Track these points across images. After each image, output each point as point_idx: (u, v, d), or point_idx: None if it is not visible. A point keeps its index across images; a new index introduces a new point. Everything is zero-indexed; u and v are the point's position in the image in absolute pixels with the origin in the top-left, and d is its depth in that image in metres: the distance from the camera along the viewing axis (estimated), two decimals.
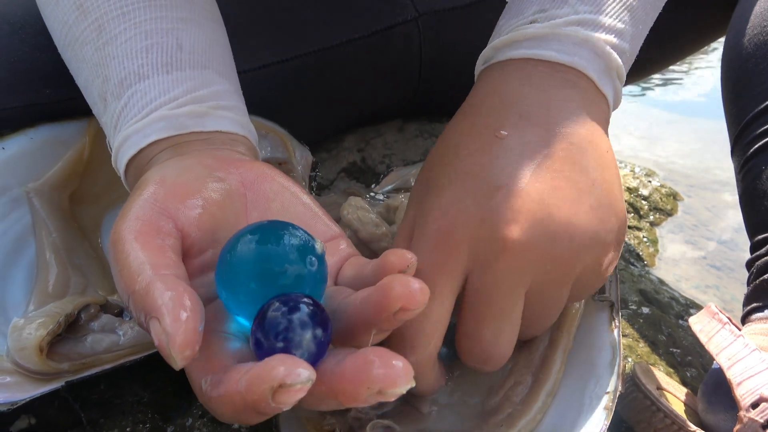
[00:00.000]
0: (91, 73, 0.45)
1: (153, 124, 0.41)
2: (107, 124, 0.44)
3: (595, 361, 0.40)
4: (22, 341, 0.43)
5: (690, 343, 0.64)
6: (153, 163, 0.40)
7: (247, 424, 0.29)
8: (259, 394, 0.25)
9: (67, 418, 0.46)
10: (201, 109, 0.42)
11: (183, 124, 0.41)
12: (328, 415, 0.41)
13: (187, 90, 0.42)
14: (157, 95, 0.42)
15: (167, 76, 0.43)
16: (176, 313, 0.26)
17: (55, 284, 0.51)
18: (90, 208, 0.59)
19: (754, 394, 0.42)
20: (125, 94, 0.42)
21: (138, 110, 0.42)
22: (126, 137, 0.42)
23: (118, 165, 0.43)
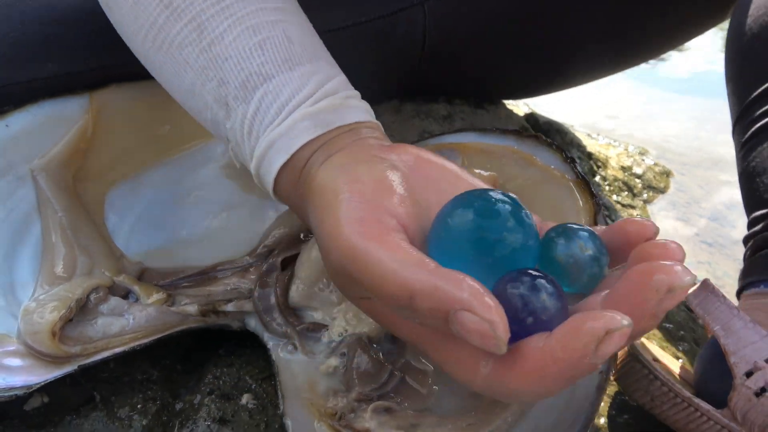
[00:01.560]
0: (199, 77, 0.43)
1: (297, 125, 0.40)
2: (234, 130, 0.42)
3: None
4: (35, 325, 0.44)
5: (683, 318, 0.66)
6: (313, 164, 0.39)
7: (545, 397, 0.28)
8: (580, 350, 0.25)
9: (79, 396, 0.48)
10: (336, 102, 0.41)
11: (327, 121, 0.40)
12: (331, 397, 0.43)
13: (317, 85, 0.41)
14: (291, 95, 0.40)
15: (291, 72, 0.41)
16: (483, 300, 0.26)
17: (62, 265, 0.51)
18: (93, 185, 0.59)
19: (748, 363, 0.44)
20: (254, 96, 0.41)
21: (275, 113, 0.40)
22: (271, 142, 0.40)
23: (265, 171, 0.41)
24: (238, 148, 0.43)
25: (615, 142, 1.05)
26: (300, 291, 0.49)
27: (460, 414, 0.41)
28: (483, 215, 0.30)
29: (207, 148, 0.63)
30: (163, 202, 0.60)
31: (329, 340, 0.46)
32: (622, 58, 0.83)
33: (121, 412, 0.47)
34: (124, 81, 0.60)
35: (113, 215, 0.59)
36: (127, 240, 0.58)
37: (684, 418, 0.46)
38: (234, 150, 0.44)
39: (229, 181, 0.62)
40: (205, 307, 0.49)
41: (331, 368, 0.44)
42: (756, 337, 0.45)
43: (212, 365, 0.51)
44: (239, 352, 0.52)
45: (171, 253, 0.58)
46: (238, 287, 0.52)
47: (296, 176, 0.39)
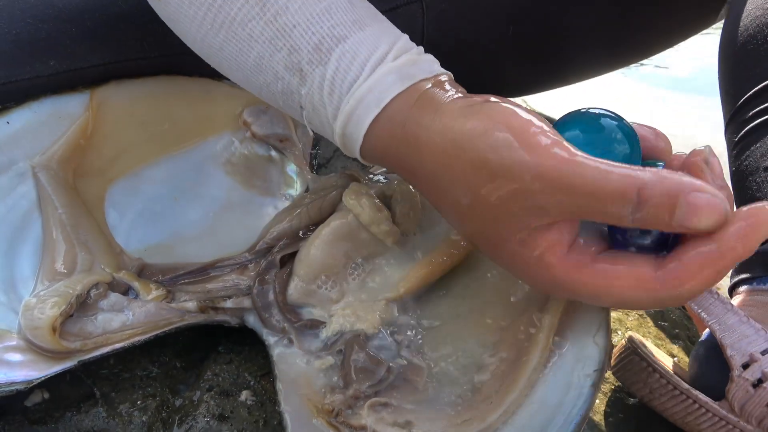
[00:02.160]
0: (266, 48, 0.43)
1: (384, 79, 0.40)
2: (311, 94, 0.42)
3: (584, 340, 0.42)
4: (35, 321, 0.44)
5: (678, 316, 0.66)
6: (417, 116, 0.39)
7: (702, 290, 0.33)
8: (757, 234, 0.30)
9: (80, 392, 0.48)
10: (413, 57, 0.41)
11: (411, 74, 0.40)
12: (329, 394, 0.43)
13: (390, 43, 0.42)
14: (369, 53, 0.41)
15: (363, 32, 0.42)
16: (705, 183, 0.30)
17: (62, 261, 0.51)
18: (93, 181, 0.60)
19: (744, 355, 0.45)
20: (330, 58, 0.41)
21: (357, 70, 0.41)
22: (360, 98, 0.40)
23: (353, 129, 0.41)
24: (315, 114, 0.43)
25: None
26: (298, 288, 0.49)
27: (454, 410, 0.41)
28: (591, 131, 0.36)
29: (207, 145, 0.63)
30: (163, 198, 0.61)
31: (326, 337, 0.46)
32: (619, 56, 0.84)
33: (121, 408, 0.48)
34: (125, 78, 0.60)
35: (113, 211, 0.59)
36: (127, 236, 0.58)
37: (682, 410, 0.47)
38: (309, 117, 0.44)
39: (229, 178, 0.62)
40: (204, 304, 0.50)
41: (328, 365, 0.45)
42: (751, 331, 0.46)
43: (211, 362, 0.52)
44: (238, 349, 0.53)
45: (171, 249, 0.58)
46: (237, 284, 0.53)
47: (395, 131, 0.40)
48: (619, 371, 0.52)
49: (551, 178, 0.33)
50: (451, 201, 0.38)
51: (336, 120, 0.42)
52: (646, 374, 0.48)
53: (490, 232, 0.37)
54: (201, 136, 0.63)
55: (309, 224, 0.54)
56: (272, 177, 0.64)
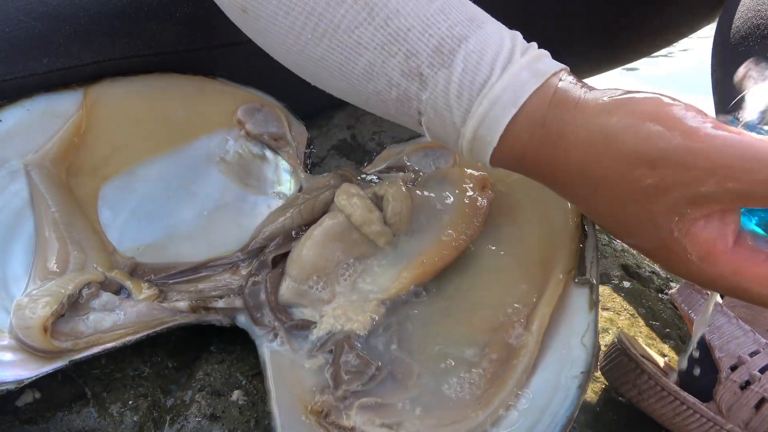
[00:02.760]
0: (378, 55, 0.41)
1: (519, 76, 0.38)
2: (434, 99, 0.40)
3: (572, 342, 0.42)
4: (26, 320, 0.44)
5: (669, 316, 0.67)
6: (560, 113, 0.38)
7: None
8: None
9: (71, 392, 0.48)
10: (537, 53, 0.40)
11: (542, 70, 0.39)
12: (318, 394, 0.43)
13: (512, 39, 0.40)
14: (497, 51, 0.39)
15: (482, 30, 0.40)
16: None
17: (55, 260, 0.52)
18: (87, 180, 0.60)
19: (733, 357, 0.45)
20: (455, 59, 0.39)
21: (488, 70, 0.39)
22: (495, 99, 0.38)
23: (485, 131, 0.39)
24: (438, 119, 0.41)
25: None
26: (290, 288, 0.49)
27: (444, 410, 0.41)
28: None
29: (201, 143, 0.63)
30: (157, 197, 0.61)
31: (317, 338, 0.47)
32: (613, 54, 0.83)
33: (112, 408, 0.48)
34: (119, 75, 0.60)
35: (107, 210, 0.59)
36: (120, 235, 0.58)
37: (670, 411, 0.47)
38: (430, 123, 0.42)
39: (223, 177, 0.63)
40: (195, 304, 0.50)
41: (319, 365, 0.45)
42: (740, 333, 0.46)
43: (203, 362, 0.52)
44: (230, 348, 0.53)
45: (164, 248, 0.58)
46: (229, 284, 0.53)
47: (535, 129, 0.38)
48: (608, 372, 0.52)
49: (715, 159, 0.32)
50: (603, 196, 0.37)
51: (466, 124, 0.40)
52: (635, 375, 0.49)
53: (645, 226, 0.36)
54: (195, 134, 0.63)
55: (301, 224, 0.54)
56: (266, 176, 0.64)
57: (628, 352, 0.50)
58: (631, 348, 0.50)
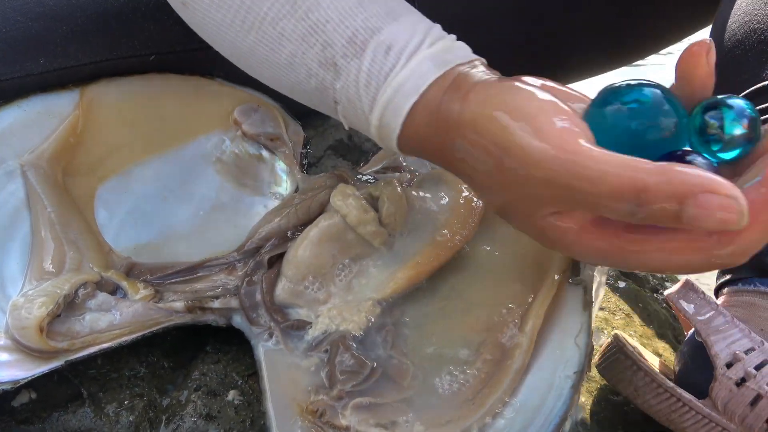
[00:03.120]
0: (299, 46, 0.43)
1: (421, 66, 0.40)
2: (346, 87, 0.42)
3: (566, 342, 0.43)
4: (22, 320, 0.44)
5: (664, 315, 0.67)
6: (451, 100, 0.39)
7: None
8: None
9: (67, 392, 0.48)
10: (448, 44, 0.42)
11: (447, 60, 0.40)
12: (313, 394, 0.43)
13: (424, 32, 0.42)
14: (405, 42, 0.41)
15: (397, 23, 0.42)
16: (720, 181, 0.28)
17: (51, 260, 0.52)
18: (83, 180, 0.60)
19: (728, 354, 0.45)
20: (366, 50, 0.41)
21: (394, 59, 0.41)
22: (398, 86, 0.40)
23: (391, 118, 0.41)
24: (350, 107, 0.43)
25: None
26: (286, 289, 0.49)
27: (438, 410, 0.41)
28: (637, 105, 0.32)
29: (198, 143, 0.63)
30: (153, 197, 0.61)
31: (312, 338, 0.47)
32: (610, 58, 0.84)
33: (108, 408, 0.48)
34: (116, 76, 0.60)
35: (103, 210, 0.59)
36: (116, 235, 0.58)
37: (667, 408, 0.47)
38: (345, 111, 0.44)
39: (219, 177, 0.63)
40: (191, 304, 0.50)
41: (314, 365, 0.45)
42: (735, 331, 0.47)
43: (199, 362, 0.52)
44: (226, 348, 0.53)
45: (160, 248, 0.59)
46: (225, 284, 0.53)
47: (430, 118, 0.40)
48: (604, 369, 0.52)
49: (551, 169, 0.32)
50: (480, 182, 0.38)
51: (372, 111, 0.41)
52: (631, 372, 0.49)
53: (518, 211, 0.37)
54: (191, 134, 0.63)
55: (297, 224, 0.54)
56: (262, 176, 0.64)
57: (624, 349, 0.50)
58: (627, 345, 0.50)
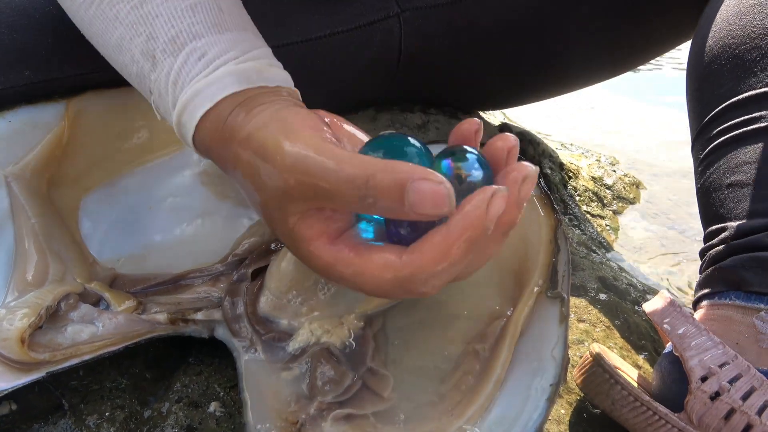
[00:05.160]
0: (128, 31, 0.46)
1: (223, 78, 0.43)
2: (158, 81, 0.45)
3: (542, 354, 0.43)
4: (3, 332, 0.44)
5: (644, 328, 0.68)
6: (238, 114, 0.41)
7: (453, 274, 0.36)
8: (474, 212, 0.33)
9: (48, 403, 0.48)
10: (260, 66, 0.45)
11: (251, 79, 0.43)
12: (293, 404, 0.44)
13: (243, 50, 0.45)
14: (219, 53, 0.44)
15: (220, 36, 0.45)
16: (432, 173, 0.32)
17: (34, 272, 0.52)
18: (68, 191, 0.60)
19: (703, 368, 0.46)
20: (182, 51, 0.44)
21: (203, 66, 0.43)
22: (197, 91, 0.43)
23: (187, 118, 0.44)
24: (160, 100, 0.46)
25: (587, 152, 1.07)
26: (269, 301, 0.50)
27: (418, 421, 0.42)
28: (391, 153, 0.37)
29: (183, 156, 0.63)
30: (138, 208, 0.61)
31: (294, 349, 0.47)
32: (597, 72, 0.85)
33: (89, 420, 0.48)
34: (102, 88, 0.60)
35: (87, 221, 0.59)
36: (100, 246, 0.58)
37: (643, 422, 0.48)
38: (156, 102, 0.47)
39: (204, 189, 0.63)
40: (174, 315, 0.50)
41: (295, 377, 0.45)
42: (710, 345, 0.47)
43: (181, 373, 0.52)
44: (208, 360, 0.53)
45: (144, 259, 0.59)
46: (208, 296, 0.53)
47: (218, 126, 0.42)
48: (583, 383, 0.53)
49: (297, 161, 0.36)
50: (248, 193, 0.41)
51: (175, 109, 0.44)
52: (609, 386, 0.50)
53: (275, 214, 0.39)
54: (177, 146, 0.63)
55: None
56: None
57: (602, 363, 0.51)
58: (605, 359, 0.51)
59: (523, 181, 0.35)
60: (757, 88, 0.53)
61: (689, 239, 0.93)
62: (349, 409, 0.43)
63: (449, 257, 0.34)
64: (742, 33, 0.55)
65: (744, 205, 0.52)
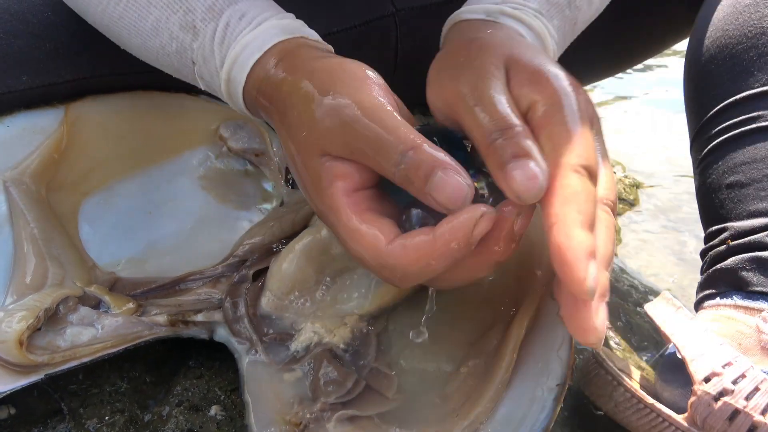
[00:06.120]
0: (164, 12, 0.48)
1: (269, 30, 0.45)
2: (202, 47, 0.47)
3: (548, 355, 0.43)
4: (2, 334, 0.44)
5: (646, 329, 0.67)
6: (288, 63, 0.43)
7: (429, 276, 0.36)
8: (460, 227, 0.33)
9: (47, 407, 0.48)
10: (296, 24, 0.47)
11: (293, 29, 0.46)
12: (297, 406, 0.43)
13: (277, 9, 0.48)
14: (258, 12, 0.46)
15: (253, 0, 0.47)
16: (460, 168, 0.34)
17: (33, 276, 0.51)
18: (67, 195, 0.60)
19: (706, 369, 0.46)
20: (223, 15, 0.46)
21: (246, 23, 0.46)
22: (245, 45, 0.45)
23: (236, 72, 0.45)
24: (205, 66, 0.48)
25: None
26: (270, 302, 0.49)
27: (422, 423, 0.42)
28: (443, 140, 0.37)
29: (182, 160, 0.63)
30: (137, 212, 0.61)
31: (296, 350, 0.47)
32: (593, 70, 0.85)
33: (89, 424, 0.48)
34: (100, 93, 0.60)
35: (87, 225, 0.59)
36: (99, 250, 0.58)
37: (646, 423, 0.48)
38: (200, 70, 0.48)
39: (204, 192, 0.63)
40: (174, 317, 0.50)
41: (297, 378, 0.45)
42: (713, 345, 0.47)
43: (181, 376, 0.52)
44: (209, 363, 0.53)
45: (144, 262, 0.59)
46: (209, 297, 0.53)
47: (268, 72, 0.44)
48: (585, 385, 0.52)
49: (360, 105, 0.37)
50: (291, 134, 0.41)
51: (223, 66, 0.46)
52: (611, 388, 0.49)
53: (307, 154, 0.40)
54: (176, 150, 0.63)
55: (281, 238, 0.55)
56: (248, 191, 0.64)
57: (604, 365, 0.50)
58: (607, 361, 0.51)
59: (517, 215, 0.36)
60: (754, 87, 0.53)
61: (690, 240, 0.92)
62: (353, 410, 0.42)
63: (427, 263, 0.35)
64: (738, 33, 0.55)
65: (744, 205, 0.52)
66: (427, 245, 0.34)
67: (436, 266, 0.35)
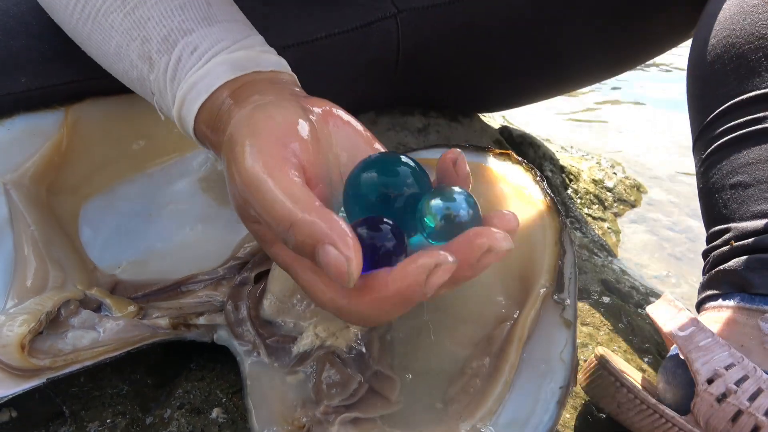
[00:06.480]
0: (124, 38, 0.47)
1: (216, 68, 0.44)
2: (157, 80, 0.46)
3: (551, 357, 0.43)
4: (3, 338, 0.44)
5: (648, 331, 0.67)
6: (230, 104, 0.42)
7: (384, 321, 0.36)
8: (414, 278, 0.32)
9: (49, 410, 0.48)
10: (253, 53, 0.46)
11: (244, 66, 0.44)
12: (300, 409, 0.43)
13: (234, 39, 0.46)
14: (210, 45, 0.45)
15: (210, 28, 0.46)
16: (346, 240, 0.32)
17: (33, 279, 0.51)
18: (67, 198, 0.60)
19: (709, 370, 0.46)
20: (175, 47, 0.45)
21: (196, 59, 0.45)
22: (193, 84, 0.44)
23: (186, 112, 0.45)
24: (161, 99, 0.47)
25: (588, 155, 1.07)
26: (272, 305, 0.49)
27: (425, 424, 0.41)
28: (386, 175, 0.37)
29: (183, 162, 0.63)
30: (138, 214, 0.61)
31: (299, 353, 0.47)
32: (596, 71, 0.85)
33: (90, 427, 0.47)
34: (101, 95, 0.60)
35: (88, 228, 0.59)
36: (100, 253, 0.58)
37: (649, 425, 0.48)
38: (158, 102, 0.48)
39: (204, 195, 0.63)
40: (175, 320, 0.50)
41: (300, 380, 0.45)
42: (716, 347, 0.47)
43: (183, 379, 0.52)
44: (210, 366, 0.53)
45: (145, 265, 0.58)
46: (210, 300, 0.53)
47: (213, 115, 0.43)
48: (588, 386, 0.52)
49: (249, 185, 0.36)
50: None
51: (174, 104, 0.45)
52: (614, 389, 0.49)
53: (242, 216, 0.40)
54: (177, 152, 0.63)
55: None
56: None
57: (607, 366, 0.50)
58: (610, 362, 0.51)
59: (487, 251, 0.34)
60: (761, 88, 0.53)
61: (691, 240, 0.92)
62: (356, 412, 0.42)
63: (381, 307, 0.34)
64: (746, 32, 0.54)
65: (747, 206, 0.52)
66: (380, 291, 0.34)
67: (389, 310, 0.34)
